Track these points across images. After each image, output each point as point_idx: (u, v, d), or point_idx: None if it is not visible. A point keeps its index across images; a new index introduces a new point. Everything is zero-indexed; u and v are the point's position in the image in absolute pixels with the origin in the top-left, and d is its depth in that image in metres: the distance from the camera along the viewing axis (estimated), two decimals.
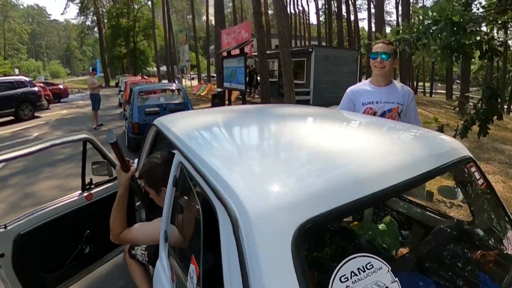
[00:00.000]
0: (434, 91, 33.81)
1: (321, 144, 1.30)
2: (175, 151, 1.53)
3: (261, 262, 0.77)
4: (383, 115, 2.48)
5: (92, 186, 2.50)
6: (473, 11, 2.63)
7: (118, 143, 1.92)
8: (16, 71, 51.94)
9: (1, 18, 78.25)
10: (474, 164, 1.46)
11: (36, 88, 15.59)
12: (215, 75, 24.98)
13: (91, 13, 53.20)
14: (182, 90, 8.46)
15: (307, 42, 41.33)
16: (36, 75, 69.34)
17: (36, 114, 15.54)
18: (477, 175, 1.46)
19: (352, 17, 40.07)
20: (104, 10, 51.91)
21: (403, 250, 1.75)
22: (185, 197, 1.62)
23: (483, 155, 7.63)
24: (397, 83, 2.64)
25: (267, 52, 16.92)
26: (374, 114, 2.49)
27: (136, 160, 2.64)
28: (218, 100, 13.12)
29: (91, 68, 13.01)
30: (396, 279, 0.85)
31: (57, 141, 2.32)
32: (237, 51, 12.12)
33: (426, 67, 41.82)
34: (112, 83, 44.78)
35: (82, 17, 55.18)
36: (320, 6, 45.17)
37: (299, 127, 1.72)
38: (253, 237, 0.79)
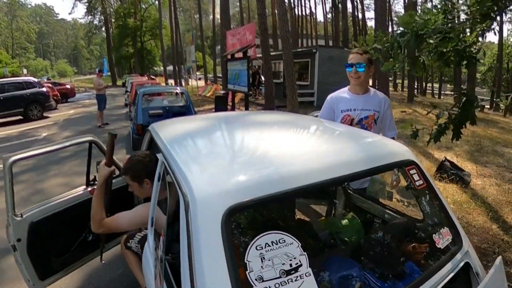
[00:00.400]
0: (442, 92, 33.70)
1: (266, 148, 1.64)
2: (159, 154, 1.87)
3: (200, 232, 1.09)
4: (360, 121, 2.74)
5: (96, 182, 2.84)
6: (449, 20, 2.87)
7: (114, 141, 2.27)
8: (25, 71, 52.71)
9: (9, 17, 79.51)
10: (416, 167, 1.74)
11: (44, 89, 16.08)
12: (221, 75, 25.33)
13: (99, 13, 53.94)
14: (185, 93, 8.81)
15: (313, 41, 41.45)
16: (43, 74, 70.20)
17: (44, 114, 16.03)
18: (416, 177, 1.74)
19: (360, 15, 40.19)
20: (111, 9, 52.60)
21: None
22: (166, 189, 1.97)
23: (481, 158, 7.64)
24: (374, 91, 2.91)
25: (273, 53, 17.21)
26: (352, 120, 2.75)
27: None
28: (221, 103, 13.47)
29: (97, 69, 13.44)
30: (305, 253, 1.14)
31: (67, 144, 2.73)
32: (240, 54, 12.45)
33: (434, 68, 41.48)
34: (119, 82, 45.31)
35: (89, 17, 55.97)
36: (327, 9, 45.48)
37: (256, 134, 2.05)
38: (196, 215, 1.12)
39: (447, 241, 1.60)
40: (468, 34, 3.07)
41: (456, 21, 3.01)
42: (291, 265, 1.10)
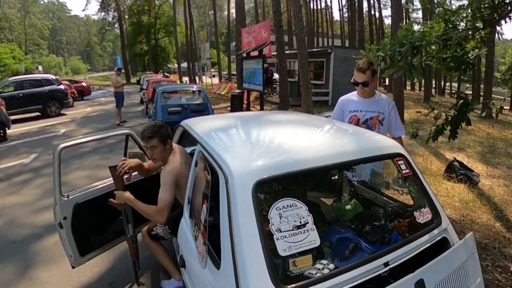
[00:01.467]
0: (461, 92, 33.41)
1: (282, 141, 2.17)
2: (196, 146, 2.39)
3: (237, 198, 1.57)
4: (366, 121, 3.22)
5: (130, 171, 3.30)
6: (449, 29, 3.26)
7: (116, 171, 2.85)
8: (40, 68, 53.94)
9: (22, 14, 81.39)
10: (403, 159, 2.19)
11: (62, 86, 16.86)
12: (235, 73, 25.80)
13: (112, 9, 55.12)
14: (203, 91, 9.38)
15: (330, 40, 41.72)
16: (56, 71, 71.58)
17: (62, 111, 16.82)
18: (403, 167, 2.19)
19: (377, 14, 40.26)
20: (125, 6, 53.44)
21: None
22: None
23: (493, 160, 7.85)
24: (379, 94, 3.36)
25: (288, 52, 17.64)
26: (358, 120, 3.23)
27: None
28: (237, 102, 13.97)
29: (116, 67, 14.10)
30: (311, 214, 1.62)
31: (105, 135, 3.24)
32: (255, 53, 12.92)
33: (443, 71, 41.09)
34: (133, 80, 46.17)
35: (102, 13, 57.37)
36: (343, 3, 45.60)
37: (274, 130, 2.57)
38: (234, 186, 1.60)
39: (427, 218, 2.05)
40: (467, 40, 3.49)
41: (459, 28, 3.43)
42: (300, 222, 1.58)
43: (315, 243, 1.57)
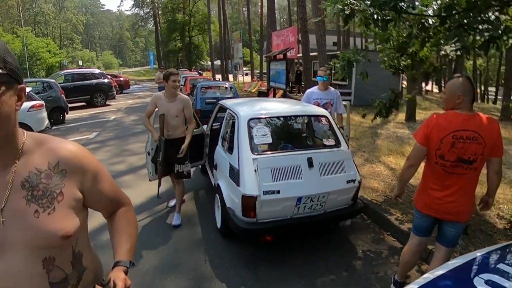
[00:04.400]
0: (500, 97, 34.83)
1: (265, 106, 5.00)
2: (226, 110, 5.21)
3: (241, 127, 4.21)
4: (324, 105, 5.83)
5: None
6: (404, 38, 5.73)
7: (164, 119, 5.66)
8: (80, 62, 58.43)
9: (57, 8, 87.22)
10: (326, 118, 4.83)
11: (107, 80, 20.20)
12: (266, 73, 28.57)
13: (146, 6, 59.01)
14: (233, 87, 12.27)
15: (363, 40, 43.72)
16: (89, 65, 76.14)
17: (107, 102, 20.14)
18: (324, 121, 4.89)
19: None
20: (159, 3, 57.20)
21: None
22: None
23: None
24: (329, 88, 5.96)
25: (313, 54, 20.22)
26: (318, 104, 5.83)
27: (205, 126, 6.17)
28: (262, 97, 16.83)
29: (161, 65, 17.23)
30: (269, 132, 4.35)
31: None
32: (281, 56, 15.68)
33: (493, 71, 42.26)
34: (156, 74, 49.40)
35: (136, 9, 61.42)
36: None
37: (265, 103, 5.39)
38: (240, 122, 4.26)
39: (332, 143, 4.66)
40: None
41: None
42: (264, 133, 4.24)
43: (269, 141, 4.25)
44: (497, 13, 3.51)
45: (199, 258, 4.17)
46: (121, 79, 29.71)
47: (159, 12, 58.26)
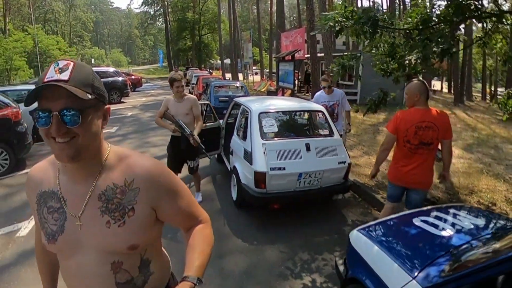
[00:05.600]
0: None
1: (273, 103, 6.18)
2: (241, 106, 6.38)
3: (252, 119, 5.36)
4: (331, 106, 6.94)
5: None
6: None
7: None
8: (93, 61, 59.63)
9: (67, 6, 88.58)
10: (322, 113, 5.98)
11: (121, 78, 21.45)
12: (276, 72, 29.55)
13: (155, 4, 59.95)
14: (244, 86, 13.49)
15: None
16: (99, 63, 76.93)
17: (121, 100, 21.43)
18: (321, 115, 6.05)
19: None
20: (169, 1, 57.91)
21: None
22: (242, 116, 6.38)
23: (476, 149, 9.83)
24: (335, 90, 7.07)
25: (320, 54, 21.30)
26: (326, 106, 6.89)
27: (221, 121, 7.36)
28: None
29: (176, 66, 18.44)
30: (276, 123, 5.52)
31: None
32: (289, 57, 16.80)
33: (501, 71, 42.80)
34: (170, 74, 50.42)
35: (145, 7, 62.30)
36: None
37: (273, 101, 6.59)
38: (252, 115, 5.41)
39: (326, 133, 5.81)
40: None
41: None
42: (272, 124, 5.42)
43: (275, 130, 5.43)
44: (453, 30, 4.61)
45: (220, 223, 5.33)
46: (133, 77, 30.96)
47: (169, 10, 59.15)
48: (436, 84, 46.93)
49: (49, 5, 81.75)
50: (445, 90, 39.52)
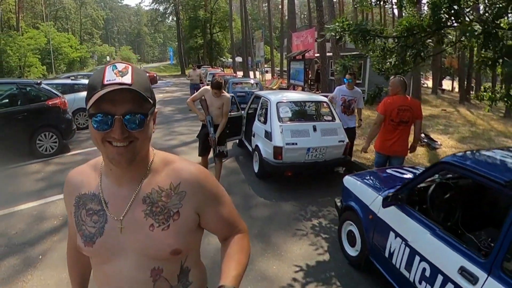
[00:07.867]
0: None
1: (287, 95, 7.94)
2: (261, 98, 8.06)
3: (272, 107, 7.02)
4: (349, 101, 8.41)
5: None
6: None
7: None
8: (108, 58, 60.88)
9: (78, 4, 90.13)
10: (327, 103, 7.62)
11: None
12: (287, 69, 30.88)
13: (165, 2, 61.41)
14: (259, 83, 15.27)
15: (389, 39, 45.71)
16: (107, 60, 77.14)
17: None
18: (325, 105, 7.70)
19: None
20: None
21: None
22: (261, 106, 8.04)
23: (470, 141, 11.02)
24: (355, 87, 8.55)
25: (330, 54, 22.80)
26: (345, 99, 8.36)
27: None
28: None
29: (196, 65, 20.16)
30: (291, 110, 7.18)
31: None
32: (300, 56, 18.41)
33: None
34: (187, 72, 51.61)
35: (155, 4, 63.79)
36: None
37: (287, 93, 8.39)
38: (271, 104, 7.07)
39: (329, 119, 7.43)
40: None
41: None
42: (287, 110, 7.08)
43: (290, 115, 7.11)
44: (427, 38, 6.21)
45: (245, 187, 7.04)
46: (148, 75, 32.37)
47: (180, 8, 60.14)
48: (446, 84, 48.19)
49: (60, 3, 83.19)
50: (456, 90, 40.61)
